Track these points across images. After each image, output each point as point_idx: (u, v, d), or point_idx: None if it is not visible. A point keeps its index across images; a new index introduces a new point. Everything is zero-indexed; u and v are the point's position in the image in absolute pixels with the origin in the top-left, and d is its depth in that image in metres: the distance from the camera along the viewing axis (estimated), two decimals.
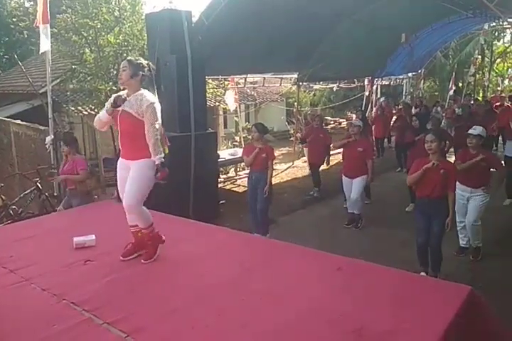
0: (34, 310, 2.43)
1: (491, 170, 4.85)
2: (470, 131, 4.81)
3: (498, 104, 11.47)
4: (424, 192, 4.28)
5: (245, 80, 11.21)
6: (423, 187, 4.29)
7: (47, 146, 6.49)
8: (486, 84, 20.36)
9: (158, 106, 2.93)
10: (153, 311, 2.37)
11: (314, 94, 20.94)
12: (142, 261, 2.96)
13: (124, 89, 3.07)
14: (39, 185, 6.49)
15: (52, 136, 6.45)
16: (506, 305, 3.43)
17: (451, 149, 7.19)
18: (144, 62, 3.06)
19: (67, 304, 2.45)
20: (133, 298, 2.53)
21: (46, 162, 6.72)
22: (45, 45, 6.00)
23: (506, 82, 21.94)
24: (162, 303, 2.46)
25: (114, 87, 8.45)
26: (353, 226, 6.13)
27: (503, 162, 6.23)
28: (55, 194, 6.61)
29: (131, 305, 2.44)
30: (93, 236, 3.34)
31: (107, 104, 2.99)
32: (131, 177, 2.91)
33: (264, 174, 5.54)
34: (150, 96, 2.95)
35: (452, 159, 5.55)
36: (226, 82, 11.34)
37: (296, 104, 13.47)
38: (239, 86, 11.56)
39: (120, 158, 3.06)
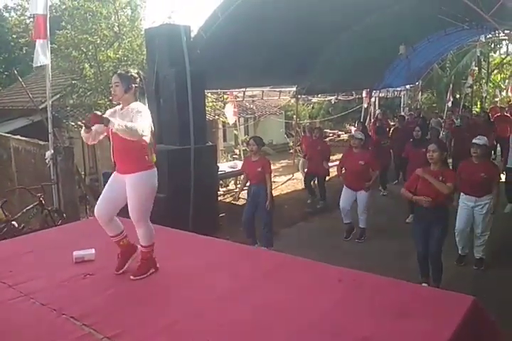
0: (33, 324, 2.41)
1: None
2: (475, 141, 4.81)
3: (498, 114, 11.55)
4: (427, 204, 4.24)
5: (244, 94, 11.28)
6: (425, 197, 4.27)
7: (47, 161, 6.50)
8: (484, 95, 20.47)
9: (145, 113, 2.84)
10: (152, 325, 2.35)
11: (313, 107, 21.05)
12: (131, 277, 2.91)
13: (119, 104, 3.01)
14: (42, 200, 6.48)
15: (52, 151, 6.47)
16: (507, 316, 3.40)
17: (449, 160, 7.23)
18: (134, 72, 2.99)
19: (66, 319, 2.42)
20: (132, 311, 2.51)
21: (46, 177, 6.72)
22: (40, 59, 6.04)
23: (504, 93, 22.06)
24: (162, 317, 2.44)
25: (114, 102, 8.50)
26: (357, 239, 6.07)
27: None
28: (56, 208, 6.60)
29: (131, 319, 2.42)
30: (93, 251, 3.32)
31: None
32: (131, 191, 2.85)
33: (262, 187, 5.49)
34: (142, 108, 2.88)
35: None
36: (225, 96, 11.42)
37: (295, 116, 13.53)
38: (238, 99, 11.63)
39: (115, 172, 3.01)
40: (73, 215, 6.50)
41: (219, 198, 7.97)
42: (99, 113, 2.75)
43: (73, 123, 10.83)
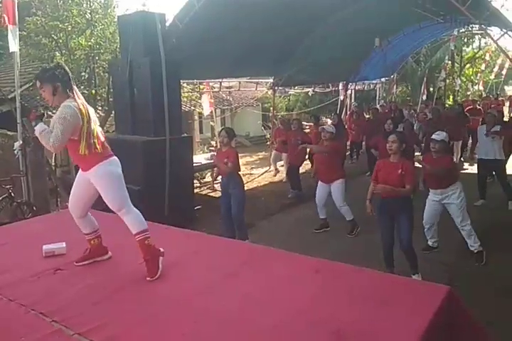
0: (1, 321, 2.31)
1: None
2: (433, 137, 4.87)
3: (470, 107, 11.79)
4: (386, 193, 4.30)
5: (221, 84, 11.17)
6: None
7: (15, 152, 6.29)
8: (457, 89, 20.87)
9: (69, 119, 2.63)
10: (126, 320, 2.28)
11: (289, 99, 21.06)
12: (147, 278, 2.75)
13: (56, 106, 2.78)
14: (11, 193, 6.28)
15: (21, 142, 6.26)
16: (481, 303, 3.47)
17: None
18: (52, 66, 2.76)
19: (35, 315, 2.33)
20: (105, 307, 2.43)
21: (15, 168, 6.51)
22: (13, 46, 5.83)
23: (476, 87, 22.54)
24: (136, 312, 2.37)
25: (85, 91, 8.29)
26: (348, 233, 5.99)
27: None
28: (25, 201, 6.41)
29: (103, 314, 2.34)
30: (63, 244, 3.21)
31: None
32: (99, 185, 2.78)
33: (231, 178, 5.40)
34: (63, 110, 2.65)
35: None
36: (201, 86, 11.28)
37: (271, 108, 13.50)
38: (214, 90, 11.51)
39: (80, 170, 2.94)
40: (43, 208, 6.33)
41: (195, 190, 7.88)
42: (38, 113, 2.73)
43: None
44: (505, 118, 11.55)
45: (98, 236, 3.06)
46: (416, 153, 7.41)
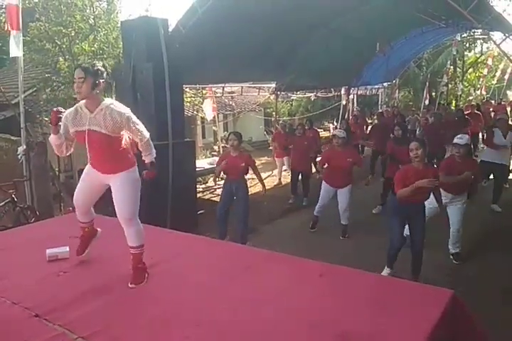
0: (4, 324, 2.31)
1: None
2: (456, 141, 4.84)
3: (468, 112, 11.80)
4: (410, 199, 4.24)
5: (223, 89, 11.20)
6: (414, 194, 4.22)
7: (19, 157, 6.31)
8: (459, 93, 20.87)
9: (133, 116, 2.73)
10: (129, 323, 2.28)
11: (292, 104, 21.09)
12: (129, 285, 2.71)
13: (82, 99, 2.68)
14: (14, 197, 6.29)
15: (25, 147, 6.28)
16: (484, 307, 3.46)
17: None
18: (100, 65, 2.67)
19: (39, 318, 2.33)
20: (108, 310, 2.43)
21: (18, 173, 6.53)
22: (15, 51, 5.87)
23: (478, 91, 22.53)
24: (139, 315, 2.37)
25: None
26: (341, 236, 6.06)
27: None
28: (28, 205, 6.42)
29: (107, 318, 2.34)
30: (67, 248, 3.21)
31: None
32: (121, 190, 2.72)
33: (242, 183, 5.50)
34: (119, 108, 2.65)
35: None
36: (204, 91, 11.32)
37: (274, 113, 13.51)
38: (217, 95, 11.54)
39: (92, 168, 2.83)
40: (47, 213, 6.33)
41: (198, 195, 7.88)
42: (61, 109, 2.59)
43: (47, 118, 10.56)
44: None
45: (92, 223, 3.11)
46: None
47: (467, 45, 21.17)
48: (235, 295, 2.57)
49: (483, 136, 10.09)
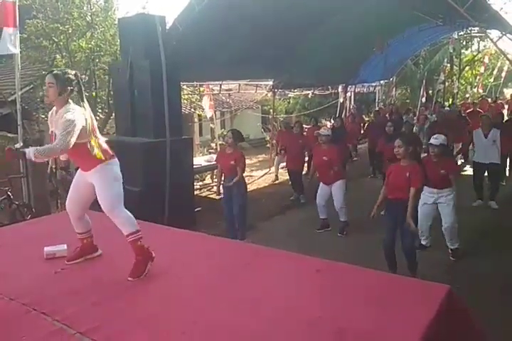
0: (2, 320, 2.31)
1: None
2: (431, 141, 4.91)
3: (471, 110, 11.80)
4: (394, 195, 4.38)
5: (220, 87, 11.18)
6: (393, 190, 4.41)
7: None
8: (455, 91, 20.91)
9: (76, 123, 2.62)
10: (127, 319, 2.28)
11: (289, 102, 21.08)
12: (128, 278, 2.74)
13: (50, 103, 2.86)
14: (10, 194, 6.28)
15: (21, 144, 6.26)
16: (482, 303, 3.47)
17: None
18: (72, 73, 2.79)
19: (37, 314, 2.33)
20: (106, 306, 2.43)
21: (15, 170, 6.51)
22: (8, 47, 5.85)
23: (475, 89, 22.57)
24: (137, 311, 2.38)
25: (85, 93, 8.28)
26: (339, 233, 6.10)
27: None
28: (24, 202, 6.41)
29: (105, 314, 2.34)
30: (64, 246, 3.20)
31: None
32: (97, 185, 2.82)
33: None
34: (71, 113, 2.66)
35: None
36: (201, 88, 11.30)
37: (271, 111, 13.51)
38: (214, 92, 11.52)
39: (79, 170, 2.99)
40: (43, 210, 6.33)
41: (195, 192, 7.88)
42: (13, 147, 2.70)
43: (43, 116, 10.51)
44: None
45: (91, 235, 3.10)
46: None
47: (464, 43, 21.18)
48: (233, 291, 2.57)
49: None
